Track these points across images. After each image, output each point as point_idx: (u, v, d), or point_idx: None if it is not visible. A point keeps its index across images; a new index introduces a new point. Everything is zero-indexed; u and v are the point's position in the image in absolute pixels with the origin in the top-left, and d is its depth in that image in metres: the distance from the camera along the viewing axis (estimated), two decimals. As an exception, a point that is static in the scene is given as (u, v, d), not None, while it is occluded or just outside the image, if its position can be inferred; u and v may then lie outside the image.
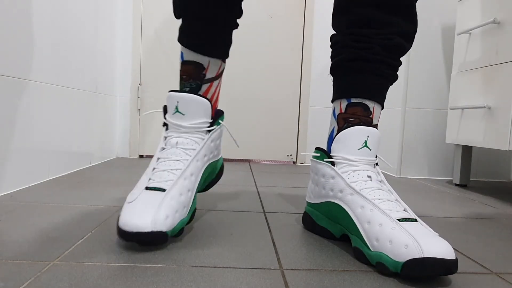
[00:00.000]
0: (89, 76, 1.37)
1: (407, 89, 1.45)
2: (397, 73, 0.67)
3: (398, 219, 0.54)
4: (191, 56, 0.68)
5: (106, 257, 0.53)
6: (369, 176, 0.61)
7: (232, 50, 1.70)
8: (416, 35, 0.67)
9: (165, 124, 0.67)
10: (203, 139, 0.66)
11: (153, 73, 1.74)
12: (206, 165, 0.68)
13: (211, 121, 0.68)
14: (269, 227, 0.72)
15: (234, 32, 0.74)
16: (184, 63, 0.69)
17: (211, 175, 0.75)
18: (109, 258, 0.53)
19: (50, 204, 0.82)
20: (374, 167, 0.63)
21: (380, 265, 0.53)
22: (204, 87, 0.70)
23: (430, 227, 0.69)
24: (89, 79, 1.38)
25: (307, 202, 0.72)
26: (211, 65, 0.69)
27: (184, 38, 0.68)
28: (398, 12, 0.63)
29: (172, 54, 1.73)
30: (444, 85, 1.46)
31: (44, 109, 1.05)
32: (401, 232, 0.52)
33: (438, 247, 0.49)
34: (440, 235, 0.71)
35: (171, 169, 0.62)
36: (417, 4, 1.41)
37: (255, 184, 1.17)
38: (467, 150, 1.33)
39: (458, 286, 0.49)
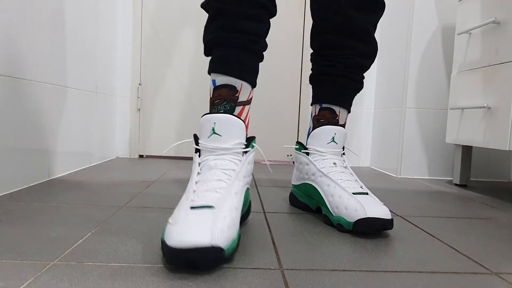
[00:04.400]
0: (89, 76, 1.37)
1: (407, 89, 1.45)
2: (361, 84, 0.84)
3: (353, 193, 0.71)
4: (225, 80, 0.69)
5: (106, 257, 0.53)
6: (334, 163, 0.79)
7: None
8: (377, 53, 0.84)
9: (197, 151, 0.65)
10: (240, 160, 0.64)
11: (153, 73, 1.74)
12: (247, 186, 0.66)
13: (246, 143, 0.66)
14: (269, 227, 0.72)
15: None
16: (217, 88, 0.70)
17: (245, 204, 0.70)
18: (109, 258, 0.53)
19: (50, 204, 0.82)
20: (342, 156, 0.81)
21: (339, 226, 0.71)
22: (238, 110, 0.70)
23: (430, 227, 0.77)
24: (89, 79, 1.38)
25: (292, 184, 0.89)
26: (243, 88, 0.70)
27: (219, 66, 0.70)
28: (356, 37, 0.80)
29: (172, 54, 1.73)
30: (444, 85, 1.46)
31: (44, 109, 1.05)
32: (353, 201, 0.69)
33: (378, 210, 0.67)
34: (439, 235, 0.71)
35: (215, 188, 0.58)
36: (417, 4, 1.42)
37: (255, 184, 1.17)
38: (467, 150, 1.33)
39: (458, 286, 0.49)
